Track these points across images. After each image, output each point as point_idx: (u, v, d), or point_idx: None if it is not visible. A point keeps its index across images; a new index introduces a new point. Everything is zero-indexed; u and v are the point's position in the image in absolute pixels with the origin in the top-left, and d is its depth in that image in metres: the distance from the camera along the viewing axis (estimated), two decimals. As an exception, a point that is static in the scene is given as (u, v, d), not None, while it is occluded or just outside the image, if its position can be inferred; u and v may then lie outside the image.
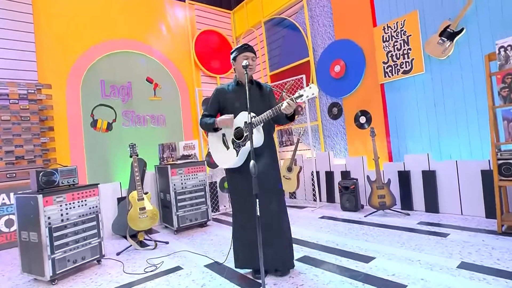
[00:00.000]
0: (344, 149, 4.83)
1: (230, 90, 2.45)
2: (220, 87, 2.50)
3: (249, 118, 1.94)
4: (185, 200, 4.02)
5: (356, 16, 4.57)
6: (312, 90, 1.95)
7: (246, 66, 2.09)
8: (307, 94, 1.97)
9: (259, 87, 2.50)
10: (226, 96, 2.44)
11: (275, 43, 5.86)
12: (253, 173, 1.69)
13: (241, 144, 2.25)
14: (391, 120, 4.22)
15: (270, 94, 2.49)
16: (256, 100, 2.42)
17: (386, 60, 4.14)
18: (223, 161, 2.36)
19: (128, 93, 4.97)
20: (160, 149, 4.45)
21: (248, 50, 2.36)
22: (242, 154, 2.26)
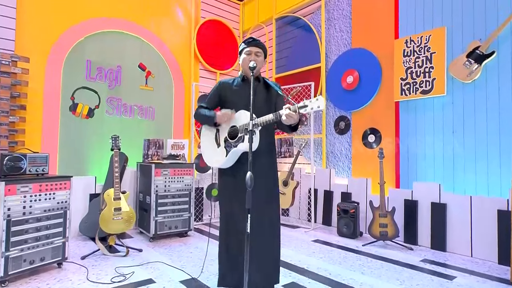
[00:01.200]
0: (348, 168, 4.80)
1: (234, 85, 2.44)
2: (224, 81, 2.49)
3: (251, 125, 1.92)
4: (167, 204, 3.98)
5: (377, 25, 4.57)
6: (319, 102, 1.92)
7: (253, 67, 2.09)
8: (312, 106, 1.94)
9: (266, 87, 2.47)
10: (229, 91, 2.43)
11: (285, 43, 5.85)
12: (249, 185, 1.67)
13: (233, 145, 2.25)
14: (403, 142, 4.21)
15: (278, 99, 2.45)
16: (261, 101, 2.39)
17: (405, 76, 4.14)
18: (210, 158, 2.38)
19: (116, 78, 4.88)
20: (146, 145, 4.41)
21: (252, 44, 2.35)
22: (232, 156, 2.25)
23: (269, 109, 2.39)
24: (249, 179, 1.69)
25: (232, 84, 2.44)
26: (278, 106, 2.42)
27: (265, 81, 2.48)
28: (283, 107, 2.02)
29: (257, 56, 2.34)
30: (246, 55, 2.34)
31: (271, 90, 2.46)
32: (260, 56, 2.35)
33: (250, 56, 2.32)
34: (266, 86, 2.46)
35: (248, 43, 2.35)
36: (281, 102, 2.44)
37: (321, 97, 1.92)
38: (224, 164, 2.31)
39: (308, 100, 1.96)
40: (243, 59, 2.35)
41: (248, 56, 2.32)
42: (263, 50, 2.37)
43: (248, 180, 1.69)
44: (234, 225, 2.32)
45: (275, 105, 2.43)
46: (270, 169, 2.38)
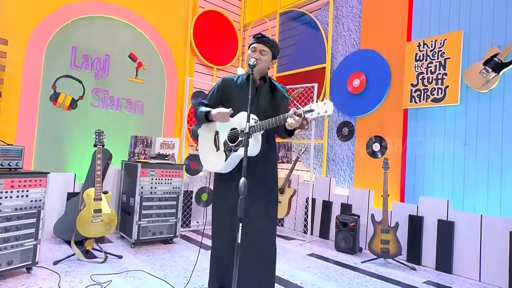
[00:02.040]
0: (349, 177, 4.79)
1: (238, 83, 2.44)
2: (228, 78, 2.49)
3: (247, 127, 1.93)
4: (152, 208, 3.97)
5: (389, 25, 4.57)
6: (326, 107, 1.89)
7: (252, 65, 2.13)
8: (319, 111, 1.91)
9: (272, 88, 2.45)
10: (232, 89, 2.43)
11: (288, 40, 5.84)
12: (242, 192, 1.67)
13: (233, 149, 2.24)
14: (410, 153, 4.19)
15: (283, 102, 2.43)
16: (265, 103, 2.38)
17: (416, 82, 4.13)
18: (208, 163, 2.38)
19: (104, 68, 4.84)
20: (132, 142, 4.41)
21: (260, 41, 2.34)
22: (231, 160, 2.25)
23: (274, 112, 2.37)
24: (243, 185, 1.67)
25: (236, 82, 2.44)
26: (281, 109, 2.40)
27: (272, 82, 2.46)
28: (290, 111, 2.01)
29: (261, 54, 2.33)
30: (251, 51, 2.35)
31: (277, 92, 2.43)
32: (266, 55, 2.34)
33: (254, 53, 2.32)
34: (272, 88, 2.44)
35: (257, 39, 2.34)
36: (285, 105, 2.43)
37: (329, 102, 1.89)
38: (222, 169, 2.30)
39: (315, 104, 1.93)
40: (247, 55, 2.36)
41: (252, 53, 2.33)
42: (271, 49, 2.36)
43: (241, 187, 1.67)
44: (227, 236, 2.30)
45: (278, 108, 2.42)
46: (271, 177, 2.38)
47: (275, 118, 2.07)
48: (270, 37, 2.40)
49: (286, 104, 2.44)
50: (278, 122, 2.06)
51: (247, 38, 6.43)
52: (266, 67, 2.37)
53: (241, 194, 1.67)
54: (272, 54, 2.38)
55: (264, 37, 2.35)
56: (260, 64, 2.31)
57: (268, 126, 2.09)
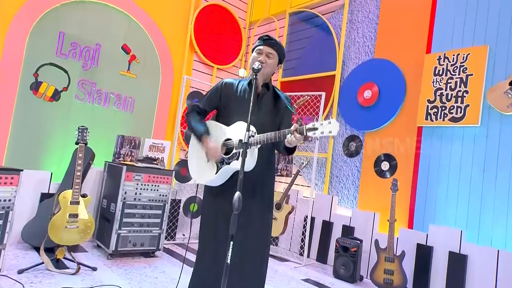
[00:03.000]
0: (354, 197, 4.76)
1: (239, 88, 2.42)
2: (228, 81, 2.46)
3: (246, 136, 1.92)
4: (135, 216, 3.95)
5: (407, 35, 4.55)
6: (331, 127, 1.91)
7: (256, 69, 2.12)
8: (323, 130, 1.93)
9: (275, 98, 2.44)
10: (232, 94, 2.40)
11: (297, 43, 5.83)
12: (236, 208, 1.66)
13: (225, 161, 2.23)
14: (422, 175, 4.15)
15: (285, 115, 2.43)
16: (265, 113, 2.36)
17: (433, 98, 4.10)
18: (197, 173, 2.38)
19: (93, 58, 4.81)
20: (119, 141, 4.42)
21: (267, 43, 2.33)
22: (223, 173, 2.24)
23: (274, 125, 2.39)
24: (237, 200, 1.66)
25: (236, 86, 2.42)
26: (283, 123, 2.41)
27: (275, 91, 2.44)
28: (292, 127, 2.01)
29: (268, 58, 2.31)
30: (256, 54, 2.33)
31: (280, 103, 2.42)
32: (272, 59, 2.33)
33: (259, 56, 2.31)
34: (275, 98, 2.43)
35: (263, 41, 2.33)
36: (288, 119, 2.44)
37: (334, 121, 1.92)
38: (212, 182, 2.30)
39: (318, 123, 1.95)
40: (252, 58, 2.34)
41: (257, 56, 2.31)
42: (278, 52, 2.36)
43: (235, 202, 1.66)
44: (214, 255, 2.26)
45: (280, 120, 2.42)
46: (267, 195, 2.38)
47: (275, 133, 2.07)
48: (277, 39, 2.40)
49: (290, 118, 2.44)
50: (277, 138, 2.06)
51: (252, 38, 6.44)
52: (271, 73, 2.36)
53: (235, 209, 1.65)
54: (279, 59, 2.38)
55: (272, 39, 2.34)
56: (266, 68, 2.29)
57: (266, 141, 2.09)
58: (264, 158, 2.29)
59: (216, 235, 2.27)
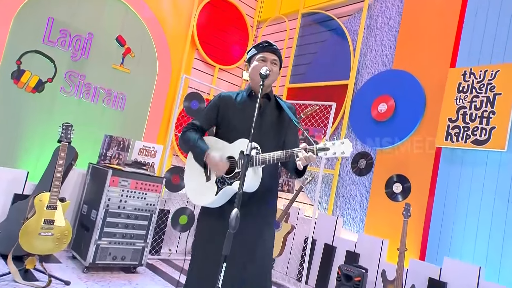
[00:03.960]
0: (360, 220, 4.70)
1: (238, 101, 2.44)
2: (225, 94, 2.49)
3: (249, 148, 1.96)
4: (117, 226, 3.98)
5: (430, 45, 4.51)
6: (344, 147, 1.96)
7: (265, 75, 2.15)
8: (335, 150, 1.98)
9: (278, 108, 2.46)
10: (230, 108, 2.42)
11: (308, 46, 5.83)
12: (233, 227, 1.68)
13: (226, 181, 2.24)
14: (438, 201, 4.08)
15: (290, 129, 2.46)
16: (268, 126, 2.38)
17: (455, 117, 4.04)
18: (195, 194, 2.37)
19: (84, 49, 4.81)
20: (106, 142, 4.42)
21: (269, 50, 2.37)
22: (223, 194, 2.24)
23: (279, 139, 2.42)
24: (235, 218, 1.67)
25: (235, 99, 2.44)
26: (288, 139, 2.44)
27: (278, 100, 2.46)
28: (300, 146, 2.04)
29: (273, 65, 2.36)
30: (260, 62, 2.35)
31: (283, 114, 2.44)
32: (276, 66, 2.39)
33: (264, 63, 2.34)
34: (278, 108, 2.45)
35: (263, 48, 2.37)
36: (293, 134, 2.47)
37: (348, 142, 1.96)
38: (212, 203, 2.29)
39: (330, 142, 1.99)
40: (255, 66, 2.35)
41: (262, 63, 2.33)
42: (280, 59, 2.42)
43: (232, 220, 1.67)
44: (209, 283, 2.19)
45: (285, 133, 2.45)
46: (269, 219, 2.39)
47: (282, 152, 2.09)
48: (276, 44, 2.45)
49: (295, 131, 2.47)
50: (284, 158, 2.09)
51: (260, 38, 6.44)
52: (274, 81, 2.40)
53: (231, 228, 1.67)
54: (280, 66, 2.44)
55: (273, 45, 2.39)
56: (271, 76, 2.32)
57: (271, 161, 2.12)
58: (266, 172, 2.28)
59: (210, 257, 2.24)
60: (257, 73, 2.26)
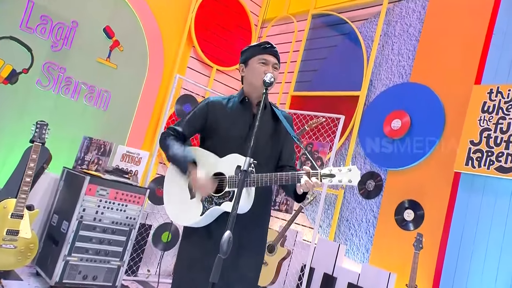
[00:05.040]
0: (365, 249, 4.65)
1: (228, 108, 2.44)
2: (215, 100, 2.49)
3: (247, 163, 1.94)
4: (91, 240, 3.94)
5: (453, 59, 4.49)
6: (352, 175, 1.98)
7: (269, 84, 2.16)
8: (341, 178, 1.99)
9: (274, 118, 2.46)
10: (220, 116, 2.42)
11: (317, 51, 5.83)
12: (224, 251, 1.66)
13: (215, 201, 2.24)
14: (455, 233, 4.02)
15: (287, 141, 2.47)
16: (263, 139, 2.36)
17: (477, 140, 3.98)
18: (177, 212, 2.39)
19: (66, 39, 4.79)
20: (84, 144, 4.40)
21: (271, 52, 2.37)
22: (210, 215, 2.25)
23: (275, 152, 2.44)
24: (227, 242, 1.66)
25: (225, 106, 2.45)
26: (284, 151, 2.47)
27: (273, 108, 2.46)
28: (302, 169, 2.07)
29: (275, 70, 2.37)
30: (260, 64, 2.33)
31: (279, 124, 2.44)
32: (277, 72, 2.40)
33: (266, 67, 2.33)
34: (274, 118, 2.46)
35: (264, 49, 2.35)
36: (289, 145, 2.49)
37: (356, 170, 1.98)
38: (196, 223, 2.30)
39: (336, 168, 2.01)
40: (254, 69, 2.35)
41: (264, 67, 2.32)
42: (279, 63, 2.44)
43: (224, 243, 1.65)
44: None
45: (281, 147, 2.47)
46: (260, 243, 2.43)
47: (281, 175, 2.11)
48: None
49: (292, 143, 2.49)
50: (283, 181, 2.11)
51: (264, 38, 6.48)
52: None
53: (223, 253, 1.65)
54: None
55: (274, 46, 2.39)
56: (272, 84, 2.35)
57: (269, 183, 2.13)
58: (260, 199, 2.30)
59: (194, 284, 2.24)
60: (257, 78, 2.26)
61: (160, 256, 4.89)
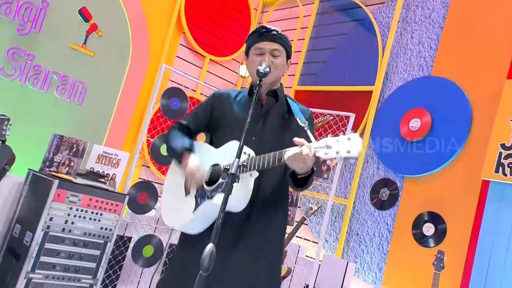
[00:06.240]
0: (378, 268, 4.63)
1: (237, 101, 2.50)
2: (223, 92, 2.59)
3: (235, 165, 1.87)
4: (59, 255, 3.85)
5: (482, 49, 4.47)
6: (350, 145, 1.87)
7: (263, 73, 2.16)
8: (339, 149, 1.88)
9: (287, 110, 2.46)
10: (227, 109, 2.48)
11: (325, 40, 5.87)
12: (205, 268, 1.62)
13: (208, 194, 2.27)
14: (483, 251, 3.96)
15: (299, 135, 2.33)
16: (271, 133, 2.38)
17: (510, 143, 3.96)
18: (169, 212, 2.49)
19: (35, 21, 4.75)
20: (54, 143, 4.34)
21: (267, 38, 2.37)
22: (203, 213, 2.27)
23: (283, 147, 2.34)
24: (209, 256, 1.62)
25: (234, 98, 2.52)
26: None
27: (288, 102, 2.46)
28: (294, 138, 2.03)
29: (274, 57, 2.36)
30: (256, 56, 2.38)
31: (292, 118, 2.40)
32: (279, 57, 2.38)
33: (262, 56, 2.36)
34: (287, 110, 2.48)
35: (259, 36, 2.37)
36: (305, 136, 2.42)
37: (356, 137, 1.87)
38: (188, 226, 2.34)
39: (334, 138, 1.90)
40: (252, 61, 2.39)
41: (260, 57, 2.36)
42: (284, 46, 2.41)
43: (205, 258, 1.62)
44: None
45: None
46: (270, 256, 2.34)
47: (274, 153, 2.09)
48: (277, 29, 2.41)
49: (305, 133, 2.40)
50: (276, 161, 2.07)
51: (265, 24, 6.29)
52: (279, 76, 2.42)
53: (203, 269, 1.62)
54: (287, 54, 2.43)
55: (270, 30, 2.36)
56: (274, 71, 2.32)
57: (262, 164, 2.10)
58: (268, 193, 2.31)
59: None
60: (254, 70, 2.30)
61: (140, 273, 4.86)
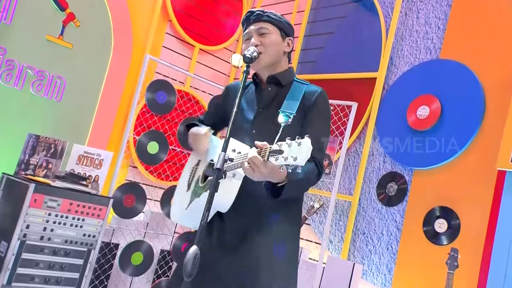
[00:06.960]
0: (387, 269, 4.64)
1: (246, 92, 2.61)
2: (234, 83, 2.72)
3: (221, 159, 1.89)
4: (38, 265, 3.78)
5: (496, 30, 4.48)
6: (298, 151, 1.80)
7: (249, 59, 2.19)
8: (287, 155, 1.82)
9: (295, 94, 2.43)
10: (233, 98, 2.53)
11: (323, 24, 5.88)
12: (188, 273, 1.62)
13: (198, 192, 2.37)
14: (500, 247, 3.93)
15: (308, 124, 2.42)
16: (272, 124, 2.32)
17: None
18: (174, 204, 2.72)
19: (6, 10, 4.70)
20: (30, 144, 4.28)
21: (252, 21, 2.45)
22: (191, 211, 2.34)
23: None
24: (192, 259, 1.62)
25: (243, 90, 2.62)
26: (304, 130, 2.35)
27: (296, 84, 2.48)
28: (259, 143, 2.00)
29: (261, 36, 2.40)
30: (246, 42, 2.46)
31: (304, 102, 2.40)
32: (268, 34, 2.41)
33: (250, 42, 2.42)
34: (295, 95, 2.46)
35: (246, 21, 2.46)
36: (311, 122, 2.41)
37: (305, 141, 1.80)
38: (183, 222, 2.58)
39: (285, 143, 1.83)
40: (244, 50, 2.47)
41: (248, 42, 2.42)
42: (273, 22, 2.44)
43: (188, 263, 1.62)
44: None
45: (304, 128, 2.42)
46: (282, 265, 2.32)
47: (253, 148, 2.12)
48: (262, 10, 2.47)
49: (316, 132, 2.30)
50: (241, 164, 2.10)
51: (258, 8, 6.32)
52: (276, 56, 2.42)
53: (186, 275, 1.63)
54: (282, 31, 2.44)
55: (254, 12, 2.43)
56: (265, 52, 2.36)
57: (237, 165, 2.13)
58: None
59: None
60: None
61: (130, 283, 4.86)
